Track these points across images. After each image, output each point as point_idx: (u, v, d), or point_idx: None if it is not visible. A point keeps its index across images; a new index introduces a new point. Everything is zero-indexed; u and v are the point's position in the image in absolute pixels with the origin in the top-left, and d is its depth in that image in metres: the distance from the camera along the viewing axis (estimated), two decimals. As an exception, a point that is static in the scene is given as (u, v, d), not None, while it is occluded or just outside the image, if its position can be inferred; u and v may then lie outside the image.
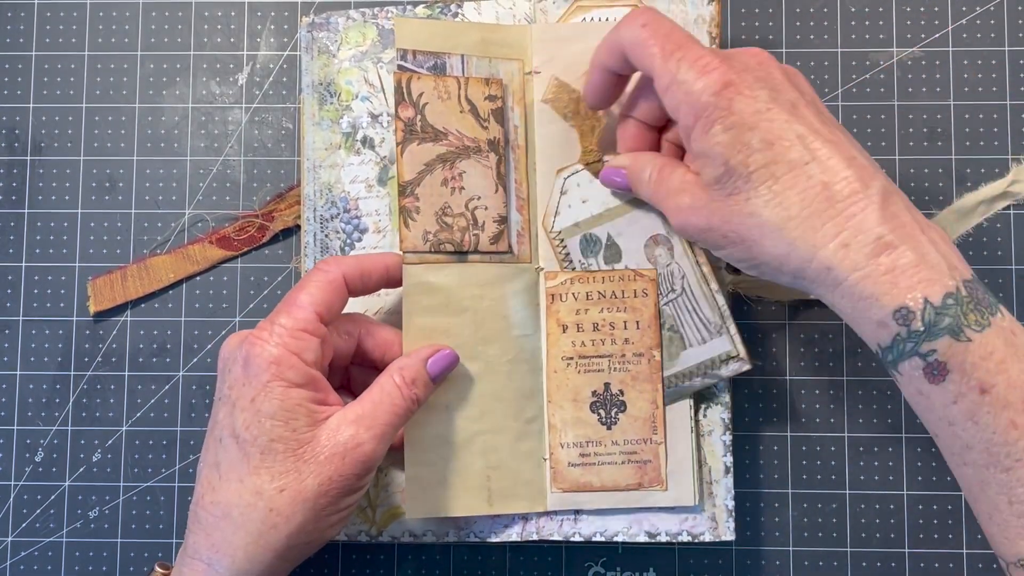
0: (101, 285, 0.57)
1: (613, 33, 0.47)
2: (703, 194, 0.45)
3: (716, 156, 0.43)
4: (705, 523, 0.52)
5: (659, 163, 0.49)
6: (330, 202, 0.54)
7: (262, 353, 0.45)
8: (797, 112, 0.43)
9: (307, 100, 0.55)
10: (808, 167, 0.42)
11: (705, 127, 0.43)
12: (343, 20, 0.55)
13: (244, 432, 0.44)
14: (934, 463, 0.55)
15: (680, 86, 0.44)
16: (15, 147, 0.58)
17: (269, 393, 0.44)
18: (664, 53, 0.44)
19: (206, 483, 0.45)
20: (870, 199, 0.41)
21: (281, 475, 0.44)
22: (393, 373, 0.47)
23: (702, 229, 0.45)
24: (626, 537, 0.52)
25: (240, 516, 0.44)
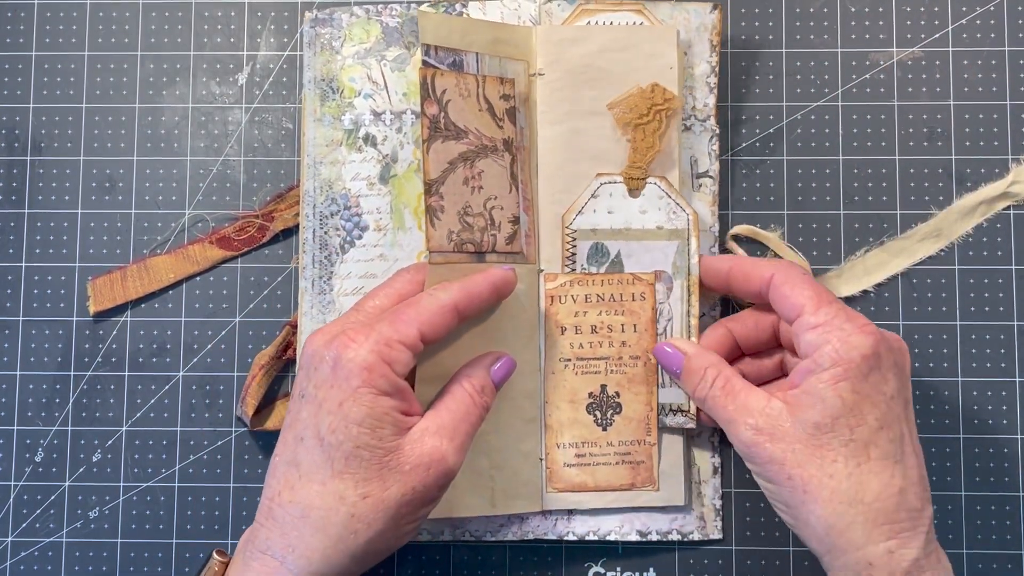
0: (101, 285, 0.57)
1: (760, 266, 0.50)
2: (790, 429, 0.45)
3: (831, 407, 0.44)
4: (694, 522, 0.53)
5: (727, 372, 0.49)
6: (330, 199, 0.54)
7: (355, 357, 0.44)
8: (908, 411, 0.46)
9: (309, 96, 0.55)
10: (897, 466, 0.45)
11: (837, 377, 0.44)
12: (347, 16, 0.55)
13: (329, 435, 0.44)
14: (934, 463, 0.55)
15: (837, 331, 0.45)
16: (15, 147, 0.58)
17: (359, 399, 0.44)
18: (819, 298, 0.47)
19: (283, 480, 0.45)
20: (923, 523, 0.45)
21: (365, 482, 0.44)
22: (462, 381, 0.48)
23: (770, 459, 0.45)
24: (618, 536, 0.53)
25: (320, 519, 0.44)
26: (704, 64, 0.55)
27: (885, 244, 0.56)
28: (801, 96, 0.57)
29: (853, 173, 0.57)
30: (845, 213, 0.57)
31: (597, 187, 0.53)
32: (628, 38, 0.53)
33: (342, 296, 0.53)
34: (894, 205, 0.57)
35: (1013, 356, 0.56)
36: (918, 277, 0.56)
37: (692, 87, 0.55)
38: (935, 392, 0.56)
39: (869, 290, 0.56)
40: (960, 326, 0.56)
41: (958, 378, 0.56)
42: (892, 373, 0.45)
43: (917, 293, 0.56)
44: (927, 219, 0.56)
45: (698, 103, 0.55)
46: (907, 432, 0.46)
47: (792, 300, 0.47)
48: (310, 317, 0.53)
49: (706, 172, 0.55)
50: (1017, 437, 0.55)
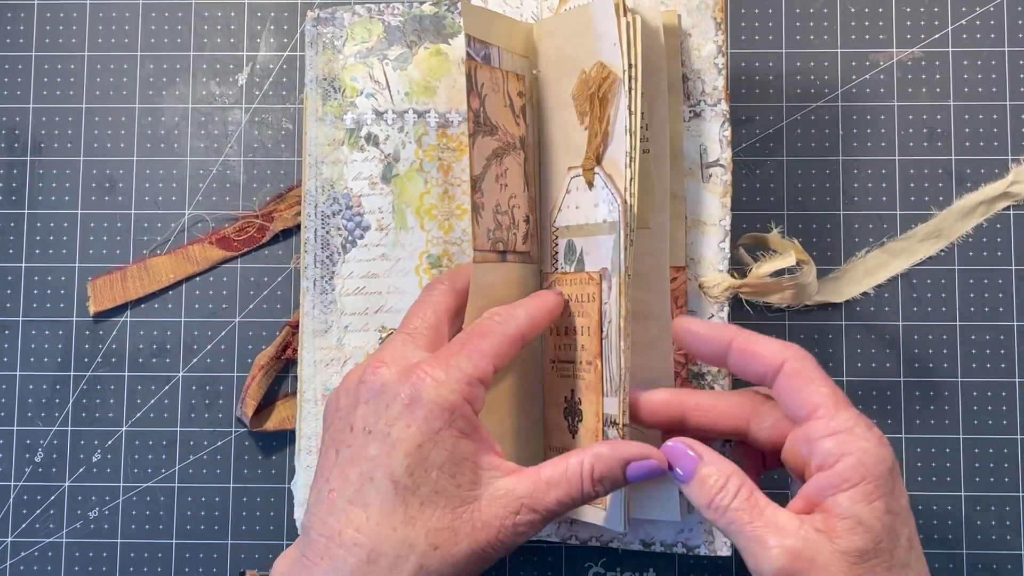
0: (101, 285, 0.57)
1: (768, 348, 0.44)
2: (830, 556, 0.40)
3: (872, 530, 0.40)
4: (701, 536, 0.52)
5: (750, 484, 0.43)
6: (332, 199, 0.54)
7: (436, 398, 0.42)
8: (913, 520, 0.43)
9: (311, 95, 0.55)
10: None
11: (870, 495, 0.40)
12: (348, 16, 0.55)
13: (406, 478, 0.41)
14: (934, 463, 0.55)
15: (857, 441, 0.41)
16: (15, 147, 0.58)
17: (440, 442, 0.41)
18: (837, 400, 0.42)
19: (346, 519, 0.41)
20: None
21: (437, 532, 0.41)
22: (585, 459, 0.43)
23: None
24: (621, 544, 0.52)
25: (388, 566, 0.41)
26: (710, 44, 0.52)
27: (885, 245, 0.56)
28: (801, 96, 0.57)
29: (853, 173, 0.57)
30: (845, 213, 0.57)
31: (568, 182, 0.50)
32: (579, 19, 0.49)
33: (344, 296, 0.53)
34: (894, 205, 0.57)
35: (1013, 356, 0.56)
36: (918, 277, 0.56)
37: (699, 70, 0.52)
38: (935, 392, 0.56)
39: (869, 291, 0.56)
40: (960, 326, 0.56)
41: (958, 378, 0.56)
42: (902, 487, 0.42)
43: (917, 293, 0.56)
44: (927, 219, 0.56)
45: (707, 87, 0.52)
46: (920, 545, 0.42)
47: (806, 397, 0.42)
48: (311, 317, 0.53)
49: (716, 161, 0.52)
50: (1017, 437, 0.55)
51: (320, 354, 0.53)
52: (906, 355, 0.56)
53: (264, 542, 0.56)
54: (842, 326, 0.56)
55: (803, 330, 0.56)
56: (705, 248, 0.52)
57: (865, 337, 0.56)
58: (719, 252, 0.52)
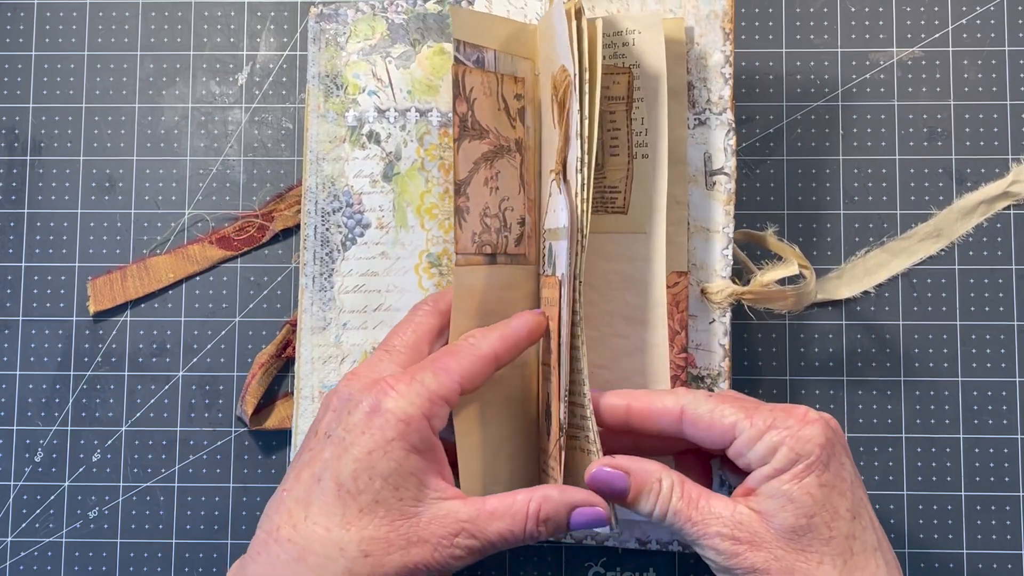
0: (101, 285, 0.57)
1: (663, 401, 0.45)
2: (766, 535, 0.42)
3: (802, 505, 0.41)
4: None
5: (678, 477, 0.44)
6: (332, 196, 0.54)
7: (394, 408, 0.42)
8: (864, 491, 0.44)
9: (313, 91, 0.55)
10: (876, 553, 0.42)
11: (799, 474, 0.42)
12: (352, 12, 0.55)
13: (350, 483, 0.42)
14: (934, 463, 0.55)
15: (781, 431, 0.42)
16: (15, 147, 0.58)
17: (389, 453, 0.42)
18: (745, 408, 0.44)
19: (287, 515, 0.42)
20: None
21: (371, 540, 0.41)
22: (532, 499, 0.43)
23: (753, 569, 0.42)
24: (616, 543, 0.52)
25: (316, 565, 0.41)
26: (718, 54, 0.52)
27: (885, 244, 0.56)
28: (801, 96, 0.57)
29: (853, 173, 0.57)
30: (845, 213, 0.57)
31: (550, 185, 0.50)
32: (547, 23, 0.49)
33: (343, 294, 0.53)
34: (894, 205, 0.57)
35: (1013, 356, 0.56)
36: (918, 277, 0.56)
37: (705, 78, 0.52)
38: (935, 392, 0.56)
39: (869, 290, 0.56)
40: (960, 326, 0.56)
41: (958, 378, 0.56)
42: (844, 455, 0.43)
43: (917, 293, 0.56)
44: (927, 219, 0.56)
45: (713, 95, 0.52)
46: (873, 517, 0.43)
47: (718, 426, 0.44)
48: (310, 314, 0.53)
49: (721, 169, 0.52)
50: (1017, 437, 0.55)
51: (318, 351, 0.53)
52: (906, 355, 0.56)
53: (264, 542, 0.55)
54: (842, 326, 0.56)
55: (803, 330, 0.56)
56: (708, 254, 0.52)
57: (865, 337, 0.56)
58: (722, 259, 0.52)
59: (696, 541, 0.43)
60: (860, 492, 0.43)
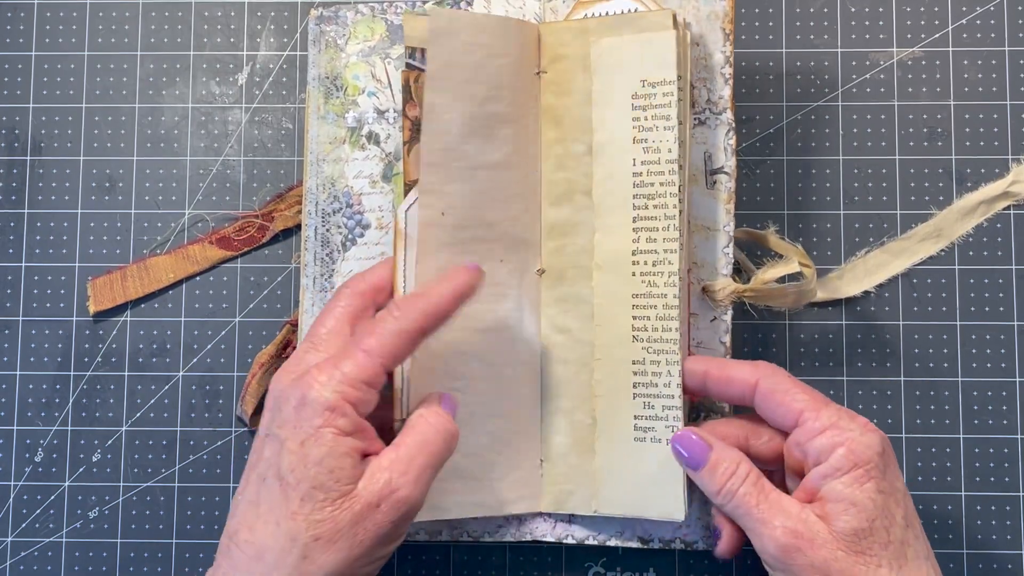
0: (101, 285, 0.57)
1: (741, 371, 0.48)
2: (828, 535, 0.43)
3: (865, 510, 0.43)
4: (699, 531, 0.51)
5: (757, 471, 0.46)
6: (333, 197, 0.54)
7: (318, 398, 0.43)
8: (912, 504, 0.46)
9: (313, 93, 0.55)
10: (927, 562, 0.44)
11: (861, 479, 0.44)
12: (352, 14, 0.55)
13: (289, 475, 0.43)
14: (934, 463, 0.55)
15: (844, 432, 0.44)
16: (15, 147, 0.58)
17: (319, 440, 0.43)
18: (816, 400, 0.46)
19: (242, 518, 0.44)
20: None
21: (317, 524, 0.43)
22: (423, 411, 0.46)
23: (811, 566, 0.43)
24: (619, 542, 0.52)
25: (273, 560, 0.43)
26: (718, 54, 0.52)
27: (886, 244, 0.56)
28: (801, 96, 0.57)
29: (853, 173, 0.57)
30: (845, 213, 0.57)
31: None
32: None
33: (344, 295, 0.53)
34: (894, 205, 0.57)
35: (1013, 356, 0.56)
36: (918, 277, 0.56)
37: (705, 79, 0.52)
38: (935, 392, 0.56)
39: (870, 290, 0.56)
40: (960, 326, 0.56)
41: (958, 378, 0.56)
42: (896, 466, 0.45)
43: (917, 293, 0.56)
44: (927, 219, 0.56)
45: (713, 95, 0.52)
46: (921, 526, 0.45)
47: (787, 407, 0.46)
48: (311, 315, 0.53)
49: (721, 168, 0.52)
50: (1017, 437, 0.55)
51: (319, 352, 0.53)
52: (906, 355, 0.56)
53: (264, 542, 0.55)
54: (842, 326, 0.56)
55: (803, 330, 0.56)
56: (709, 253, 0.52)
57: (865, 337, 0.56)
58: (723, 257, 0.52)
59: (756, 529, 0.45)
60: (910, 503, 0.45)
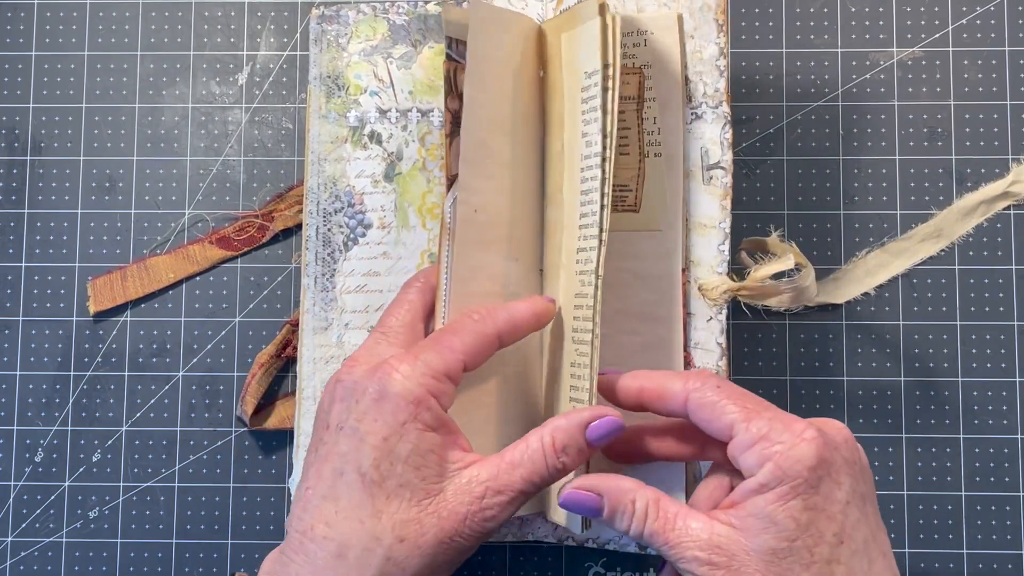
0: (101, 285, 0.57)
1: (672, 385, 0.45)
2: (744, 557, 0.41)
3: (784, 528, 0.40)
4: None
5: (652, 495, 0.43)
6: (334, 196, 0.54)
7: (402, 391, 0.42)
8: (865, 509, 0.42)
9: (314, 92, 0.55)
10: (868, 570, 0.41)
11: (785, 496, 0.41)
12: (353, 14, 0.55)
13: (373, 472, 0.42)
14: (934, 463, 0.55)
15: (772, 445, 0.41)
16: (15, 147, 0.58)
17: (405, 435, 0.42)
18: (747, 411, 0.42)
19: (318, 513, 0.42)
20: None
21: (403, 524, 0.42)
22: (544, 434, 0.44)
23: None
24: (616, 546, 0.52)
25: (356, 560, 0.41)
26: (712, 46, 0.52)
27: (886, 245, 0.56)
28: (801, 96, 0.57)
29: (853, 173, 0.57)
30: (845, 213, 0.57)
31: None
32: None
33: (344, 294, 0.53)
34: (894, 205, 0.57)
35: (1013, 356, 0.56)
36: (918, 277, 0.56)
37: (700, 72, 0.52)
38: (935, 392, 0.56)
39: (870, 291, 0.56)
40: (960, 326, 0.56)
41: (958, 378, 0.56)
42: (843, 474, 0.42)
43: (917, 293, 0.56)
44: (927, 219, 0.56)
45: (708, 88, 0.52)
46: (871, 535, 0.42)
47: (718, 421, 0.43)
48: (312, 315, 0.53)
49: (717, 163, 0.52)
50: (1017, 437, 0.55)
51: (320, 352, 0.53)
52: (906, 355, 0.56)
53: (264, 542, 0.56)
54: (842, 326, 0.56)
55: (803, 330, 0.56)
56: (704, 250, 0.52)
57: (865, 337, 0.56)
58: (718, 254, 0.52)
59: (674, 563, 0.42)
60: (855, 513, 0.42)
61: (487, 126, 0.49)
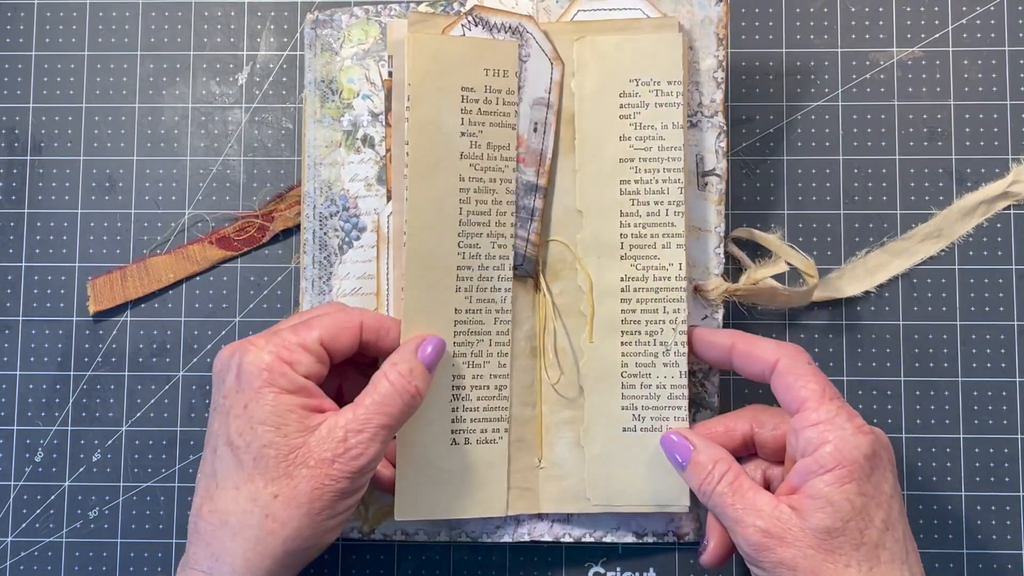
0: (101, 285, 0.57)
1: (764, 349, 0.48)
2: (799, 533, 0.44)
3: (840, 510, 0.44)
4: (690, 524, 0.53)
5: (735, 468, 0.47)
6: (330, 200, 0.54)
7: (255, 360, 0.45)
8: (903, 508, 0.46)
9: (309, 97, 0.55)
10: (904, 567, 0.44)
11: (842, 479, 0.44)
12: (346, 18, 0.55)
13: (238, 439, 0.44)
14: (934, 463, 0.55)
15: (836, 430, 0.45)
16: (15, 147, 0.58)
17: (261, 399, 0.44)
18: (822, 393, 0.46)
19: (204, 493, 0.45)
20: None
21: (274, 480, 0.44)
22: (387, 370, 0.47)
23: (780, 563, 0.44)
24: (614, 538, 0.53)
25: (237, 523, 0.44)
26: (711, 59, 0.53)
27: (886, 245, 0.56)
28: (801, 96, 0.57)
29: (853, 173, 0.57)
30: (845, 213, 0.57)
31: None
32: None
33: (341, 296, 0.54)
34: (894, 205, 0.57)
35: (1013, 356, 0.56)
36: (918, 277, 0.56)
37: (698, 82, 0.53)
38: (935, 392, 0.56)
39: (870, 290, 0.56)
40: (960, 326, 0.56)
41: (958, 378, 0.56)
42: (889, 471, 0.45)
43: (917, 293, 0.56)
44: (927, 219, 0.56)
45: (704, 99, 0.53)
46: (906, 530, 0.45)
47: (795, 392, 0.46)
48: (310, 317, 0.54)
49: (712, 170, 0.53)
50: (1017, 437, 0.55)
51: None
52: (906, 355, 0.56)
53: (264, 542, 0.56)
54: (842, 326, 0.56)
55: (803, 329, 0.56)
56: (701, 253, 0.53)
57: (865, 337, 0.56)
58: (715, 257, 0.53)
59: (732, 528, 0.46)
60: (897, 507, 0.45)
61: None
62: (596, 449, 0.51)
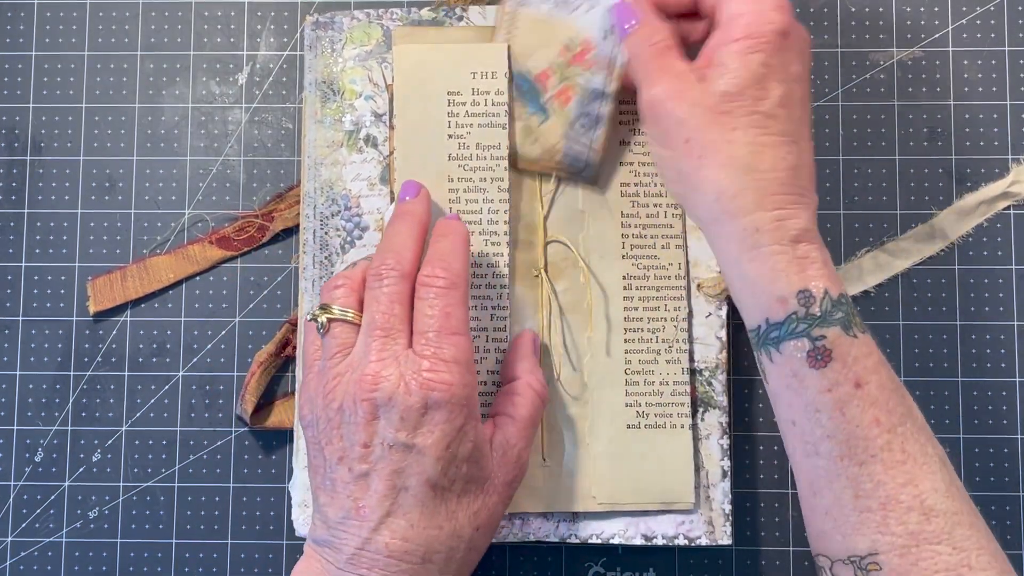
0: (101, 285, 0.57)
1: None
2: (696, 94, 0.45)
3: (740, 77, 0.44)
4: (702, 526, 0.52)
5: (669, 40, 0.48)
6: (331, 200, 0.54)
7: (452, 399, 0.43)
8: (807, 96, 0.47)
9: (309, 98, 0.55)
10: (793, 145, 0.45)
11: (748, 49, 0.44)
12: (347, 20, 0.55)
13: (441, 479, 0.44)
14: (934, 463, 0.55)
15: (754, 4, 0.45)
16: (15, 147, 0.58)
17: (464, 436, 0.44)
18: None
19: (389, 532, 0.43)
20: (811, 202, 0.45)
21: (476, 515, 0.45)
22: (530, 380, 0.49)
23: (677, 118, 0.45)
24: (622, 540, 0.52)
25: (443, 560, 0.44)
26: None
27: (885, 244, 0.56)
28: (801, 96, 0.57)
29: (853, 173, 0.57)
30: (845, 213, 0.57)
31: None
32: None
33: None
34: (894, 205, 0.57)
35: (1013, 356, 0.56)
36: (918, 277, 0.56)
37: None
38: (935, 392, 0.56)
39: (870, 290, 0.56)
40: (960, 326, 0.56)
41: (958, 378, 0.56)
42: (798, 56, 0.46)
43: (917, 293, 0.56)
44: (927, 219, 0.56)
45: None
46: (804, 119, 0.46)
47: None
48: (310, 317, 0.54)
49: None
50: (1017, 437, 0.55)
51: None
52: (906, 355, 0.56)
53: (263, 542, 0.56)
54: (842, 326, 0.56)
55: (803, 330, 0.56)
56: (702, 251, 0.54)
57: (865, 337, 0.56)
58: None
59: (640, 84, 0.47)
60: (800, 91, 0.46)
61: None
62: (601, 446, 0.52)
